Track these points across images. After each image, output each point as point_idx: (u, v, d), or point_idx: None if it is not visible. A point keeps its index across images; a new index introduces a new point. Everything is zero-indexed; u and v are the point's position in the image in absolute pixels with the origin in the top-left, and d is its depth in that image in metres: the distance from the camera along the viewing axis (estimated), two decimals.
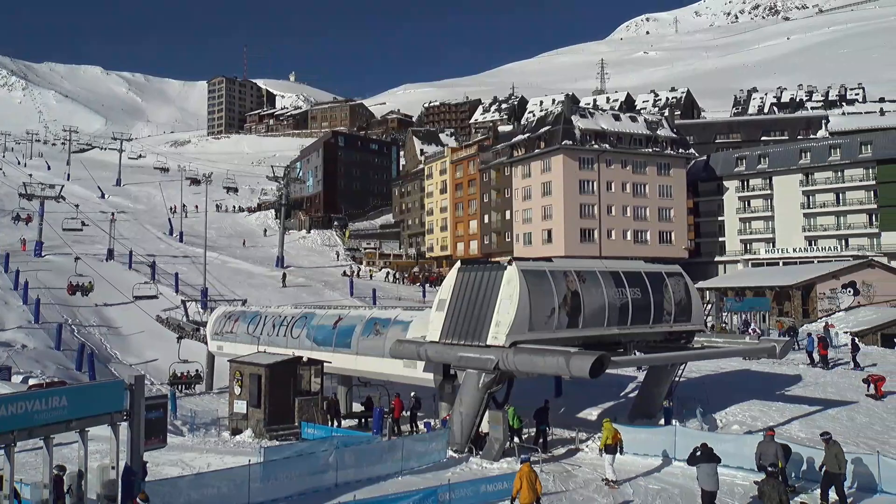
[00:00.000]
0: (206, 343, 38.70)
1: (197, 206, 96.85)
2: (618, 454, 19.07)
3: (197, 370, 37.58)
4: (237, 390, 27.72)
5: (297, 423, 26.09)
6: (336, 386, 30.68)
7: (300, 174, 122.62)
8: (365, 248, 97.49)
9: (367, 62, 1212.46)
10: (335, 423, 27.03)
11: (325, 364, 27.74)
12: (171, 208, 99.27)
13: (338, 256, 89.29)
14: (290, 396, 26.71)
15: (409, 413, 26.38)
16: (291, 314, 32.74)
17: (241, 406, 27.34)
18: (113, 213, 76.41)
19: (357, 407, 30.33)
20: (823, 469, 16.53)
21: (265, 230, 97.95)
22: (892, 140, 79.60)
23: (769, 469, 15.66)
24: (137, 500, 14.37)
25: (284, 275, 67.71)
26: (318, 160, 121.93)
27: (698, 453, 16.37)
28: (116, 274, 58.58)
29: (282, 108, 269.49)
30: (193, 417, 30.31)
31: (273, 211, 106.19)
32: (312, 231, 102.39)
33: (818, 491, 16.69)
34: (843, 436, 22.50)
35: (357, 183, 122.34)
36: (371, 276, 78.64)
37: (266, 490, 17.21)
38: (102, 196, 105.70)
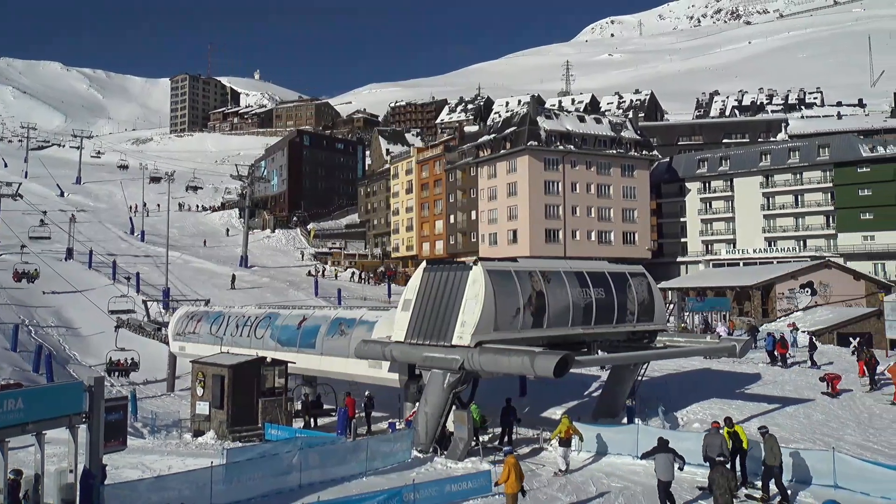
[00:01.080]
0: (167, 344, 38.21)
1: (159, 205, 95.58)
2: (572, 448, 20.09)
3: (132, 358, 37.37)
4: (199, 391, 27.40)
5: (260, 425, 25.88)
6: (298, 385, 30.50)
7: (265, 173, 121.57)
8: (330, 248, 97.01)
9: (333, 61, 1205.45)
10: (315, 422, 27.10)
11: (289, 364, 27.56)
12: (130, 207, 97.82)
13: (302, 256, 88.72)
14: (254, 397, 26.48)
15: (363, 412, 26.39)
16: (255, 314, 32.47)
17: (203, 407, 27.03)
18: (72, 214, 74.92)
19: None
20: (763, 462, 17.37)
21: (227, 230, 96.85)
22: (849, 143, 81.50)
23: (718, 458, 16.32)
24: None
25: (234, 276, 65.09)
26: (283, 159, 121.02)
27: (651, 447, 17.23)
28: (75, 273, 57.53)
29: (246, 107, 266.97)
30: (154, 419, 29.92)
31: (237, 210, 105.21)
32: (277, 230, 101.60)
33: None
34: (800, 433, 23.05)
35: (322, 182, 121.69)
36: (336, 276, 78.23)
37: (229, 492, 17.03)
38: (62, 194, 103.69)
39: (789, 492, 17.17)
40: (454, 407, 21.67)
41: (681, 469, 17.07)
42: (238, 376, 26.42)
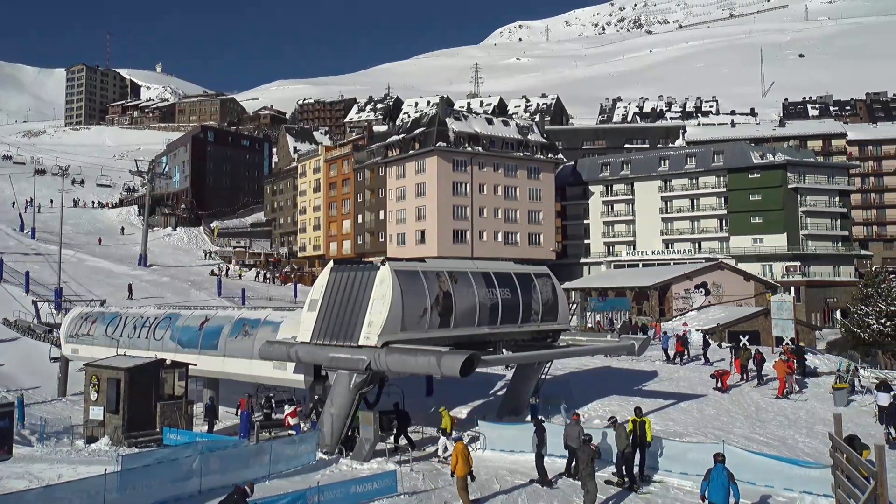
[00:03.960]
0: (59, 346, 36.45)
1: (52, 201, 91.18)
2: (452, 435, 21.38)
3: None
4: (93, 396, 26.24)
5: (158, 429, 25.03)
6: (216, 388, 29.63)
7: (166, 169, 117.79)
8: (234, 247, 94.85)
9: (239, 56, 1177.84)
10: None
11: (190, 366, 26.78)
12: (14, 204, 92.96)
13: (206, 255, 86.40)
14: (152, 401, 25.58)
15: (261, 413, 25.92)
16: (154, 315, 31.39)
17: (97, 412, 25.89)
18: None
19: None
20: (617, 448, 18.65)
21: (122, 228, 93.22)
22: (741, 150, 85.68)
23: (584, 438, 17.68)
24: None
25: (130, 286, 58.57)
26: (186, 155, 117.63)
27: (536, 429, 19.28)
28: None
29: (147, 100, 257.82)
30: (43, 426, 28.43)
31: (136, 207, 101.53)
32: (179, 228, 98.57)
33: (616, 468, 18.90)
34: (693, 427, 24.08)
35: (227, 179, 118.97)
36: (240, 276, 76.52)
37: (124, 500, 16.37)
38: None
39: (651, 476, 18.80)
40: (360, 408, 21.58)
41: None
42: (135, 379, 25.45)
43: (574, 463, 18.86)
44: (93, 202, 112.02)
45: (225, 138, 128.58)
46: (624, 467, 18.40)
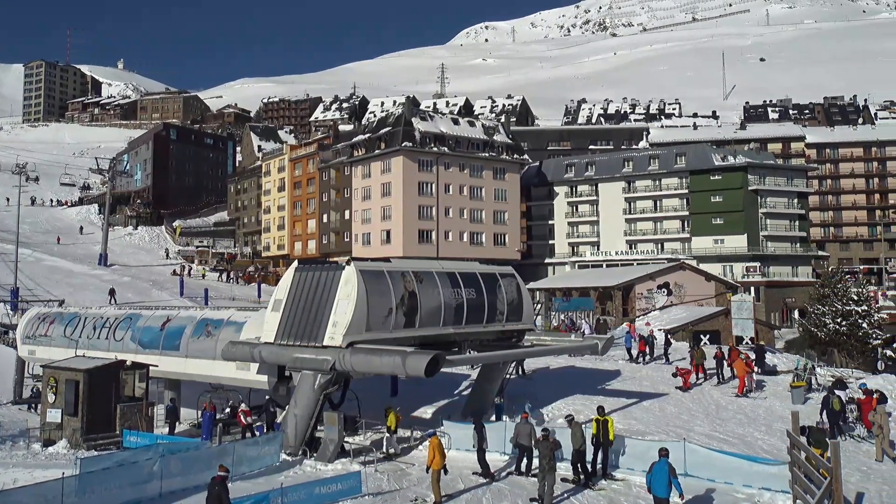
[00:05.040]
0: (15, 348, 35.65)
1: (8, 199, 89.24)
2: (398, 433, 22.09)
3: None
4: (51, 398, 25.74)
5: (118, 432, 24.64)
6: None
7: (127, 167, 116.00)
8: (197, 247, 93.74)
9: (203, 53, 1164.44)
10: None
11: (151, 368, 26.39)
12: None
13: (167, 254, 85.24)
14: (112, 403, 25.17)
15: (225, 415, 25.68)
16: (115, 315, 30.89)
17: (54, 415, 25.40)
18: None
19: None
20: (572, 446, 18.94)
21: (81, 227, 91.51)
22: (703, 153, 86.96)
23: (543, 433, 17.91)
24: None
25: (112, 290, 56.26)
26: (148, 153, 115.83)
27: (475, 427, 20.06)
28: None
29: (109, 97, 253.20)
30: None
31: (96, 206, 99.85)
32: (140, 227, 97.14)
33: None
34: (654, 425, 24.38)
35: (190, 178, 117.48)
36: (203, 276, 75.59)
37: None
38: None
39: (615, 473, 19.17)
40: (324, 408, 21.49)
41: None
42: (94, 381, 25.03)
43: (525, 461, 19.30)
44: (51, 200, 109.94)
45: (188, 136, 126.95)
46: (579, 464, 18.65)
